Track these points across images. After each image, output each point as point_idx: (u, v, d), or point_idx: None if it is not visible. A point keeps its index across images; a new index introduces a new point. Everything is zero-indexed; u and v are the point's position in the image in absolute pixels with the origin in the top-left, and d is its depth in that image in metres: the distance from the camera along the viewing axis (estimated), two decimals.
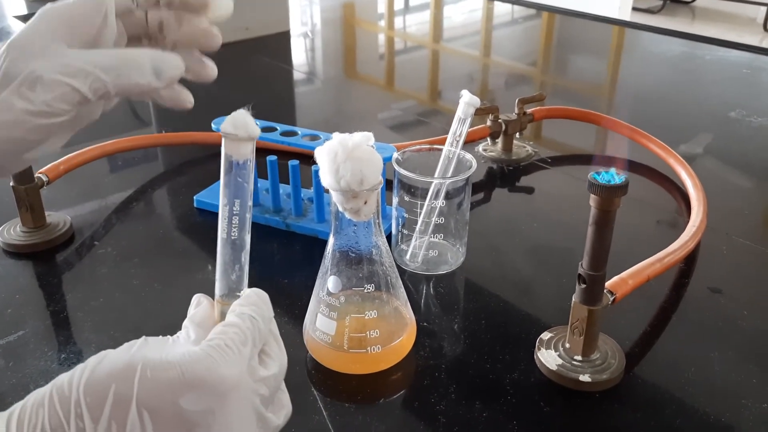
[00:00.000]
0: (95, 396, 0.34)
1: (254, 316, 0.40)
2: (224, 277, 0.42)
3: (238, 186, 0.40)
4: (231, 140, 0.40)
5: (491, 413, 0.57)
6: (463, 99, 0.72)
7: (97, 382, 0.34)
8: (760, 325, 0.67)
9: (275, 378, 0.40)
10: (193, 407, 0.35)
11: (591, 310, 0.58)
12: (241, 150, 0.40)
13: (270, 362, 0.40)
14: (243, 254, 0.42)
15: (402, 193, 0.73)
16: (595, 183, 0.52)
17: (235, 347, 0.37)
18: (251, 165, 0.41)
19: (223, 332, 0.38)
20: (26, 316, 0.68)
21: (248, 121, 0.40)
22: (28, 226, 0.79)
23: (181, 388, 0.35)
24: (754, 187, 1.00)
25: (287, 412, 0.41)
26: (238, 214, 0.41)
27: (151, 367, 0.35)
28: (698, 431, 0.56)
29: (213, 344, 0.37)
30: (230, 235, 0.41)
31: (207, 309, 0.42)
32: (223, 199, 0.41)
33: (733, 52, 1.56)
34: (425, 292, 0.73)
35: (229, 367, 0.36)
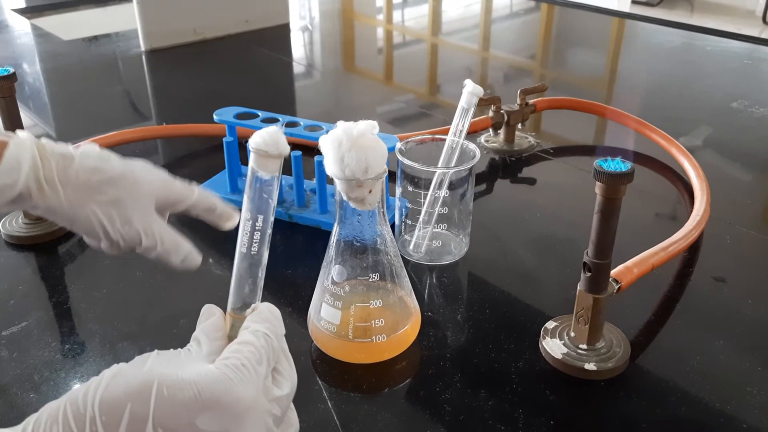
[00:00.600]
0: (111, 414, 0.34)
1: (268, 334, 0.40)
2: (238, 290, 0.42)
3: (262, 201, 0.40)
4: (260, 156, 0.40)
5: (496, 402, 0.57)
6: (467, 89, 0.72)
7: (112, 400, 0.34)
8: (765, 314, 0.67)
9: (287, 398, 0.40)
10: (210, 428, 0.35)
11: (596, 299, 0.58)
12: (269, 166, 0.40)
13: (282, 381, 0.40)
14: (260, 269, 0.42)
15: (405, 183, 0.73)
16: (601, 170, 0.52)
17: (251, 367, 0.37)
18: (277, 182, 0.41)
19: (238, 351, 0.38)
20: (29, 307, 0.68)
21: (279, 138, 0.40)
22: (30, 218, 0.79)
23: (198, 408, 0.35)
24: (756, 177, 1.00)
25: (296, 430, 0.42)
26: (260, 230, 0.41)
27: (168, 386, 0.35)
28: (703, 419, 0.56)
29: (229, 363, 0.37)
30: (250, 249, 0.41)
31: (218, 321, 0.42)
32: (246, 214, 0.41)
33: (734, 43, 1.56)
34: (429, 283, 0.73)
35: (246, 388, 0.36)
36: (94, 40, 1.65)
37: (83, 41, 1.64)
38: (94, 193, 0.50)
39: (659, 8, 4.52)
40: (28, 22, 1.79)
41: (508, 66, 1.60)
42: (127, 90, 1.40)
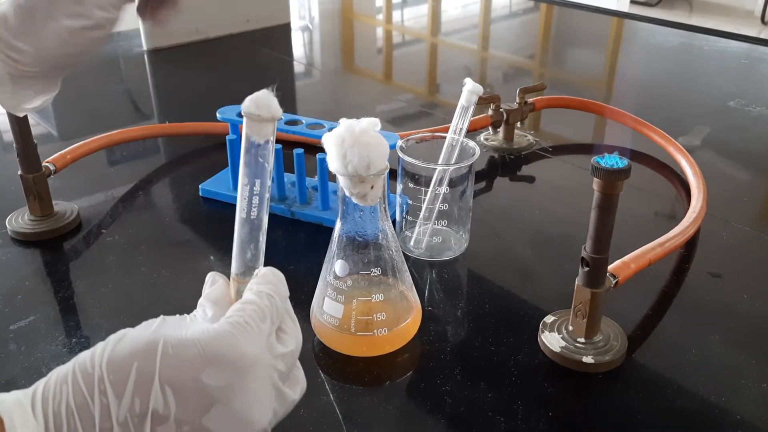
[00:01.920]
0: (118, 373, 0.34)
1: (272, 294, 0.40)
2: (240, 255, 0.42)
3: (258, 166, 0.40)
4: (253, 120, 0.40)
5: (496, 394, 0.58)
6: (467, 87, 0.73)
7: (119, 360, 0.35)
8: (759, 309, 0.69)
9: (292, 354, 0.40)
10: (215, 382, 0.35)
11: (594, 293, 0.59)
12: (262, 130, 0.40)
13: (287, 339, 0.41)
14: (261, 234, 0.42)
15: (406, 180, 0.74)
16: (599, 167, 0.53)
17: (254, 324, 0.38)
18: (272, 145, 0.41)
19: (241, 309, 0.38)
20: (36, 302, 0.69)
21: (271, 101, 0.39)
22: (36, 215, 0.80)
23: (202, 363, 0.35)
24: (753, 175, 1.01)
25: (302, 388, 0.42)
26: (258, 194, 0.41)
27: (173, 344, 0.35)
28: (698, 411, 0.57)
29: (232, 321, 0.37)
30: (249, 214, 0.41)
31: (223, 287, 0.42)
32: (243, 179, 0.41)
33: (732, 43, 1.57)
34: (429, 278, 0.74)
35: (249, 343, 0.37)
36: None
37: None
38: None
39: (658, 8, 4.53)
40: None
41: (508, 65, 1.61)
42: (129, 89, 1.41)
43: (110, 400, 0.34)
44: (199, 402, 0.35)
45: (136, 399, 0.34)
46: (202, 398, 0.35)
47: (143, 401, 0.34)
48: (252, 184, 0.41)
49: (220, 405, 0.35)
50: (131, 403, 0.34)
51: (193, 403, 0.35)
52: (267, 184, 0.41)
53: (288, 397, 0.40)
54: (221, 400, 0.35)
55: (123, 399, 0.34)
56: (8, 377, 0.60)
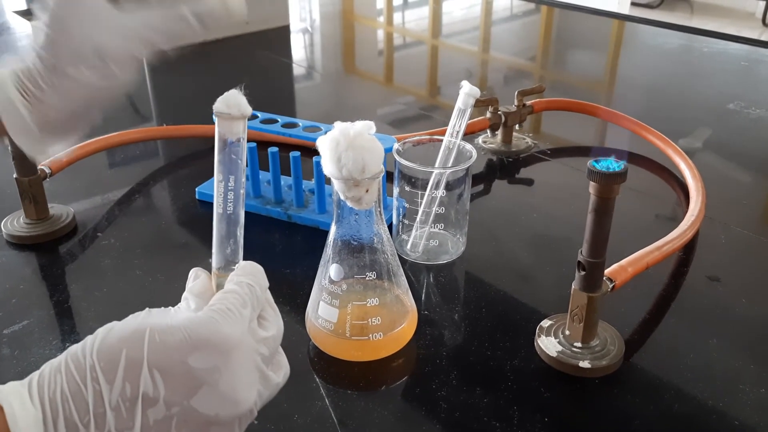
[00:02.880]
0: (108, 360, 0.36)
1: (251, 284, 0.42)
2: (220, 250, 0.44)
3: (232, 163, 0.42)
4: (224, 119, 0.41)
5: (492, 399, 0.57)
6: (463, 90, 0.73)
7: (109, 348, 0.36)
8: (758, 313, 0.68)
9: (274, 339, 0.42)
10: (201, 365, 0.37)
11: (590, 297, 0.58)
12: (233, 128, 0.42)
13: (268, 325, 0.43)
14: (238, 228, 0.44)
15: (402, 183, 0.74)
16: (594, 170, 0.53)
17: (236, 310, 0.40)
18: (244, 142, 0.42)
19: (223, 298, 0.41)
20: (30, 306, 0.69)
21: (240, 100, 0.41)
22: (32, 218, 0.80)
23: (188, 348, 0.37)
24: (752, 178, 1.01)
25: (286, 372, 0.44)
26: (233, 190, 0.43)
27: (159, 331, 0.37)
28: (696, 416, 0.56)
29: (215, 308, 0.39)
30: (226, 209, 0.43)
31: (205, 281, 0.44)
32: (218, 176, 0.43)
33: (732, 45, 1.56)
34: (426, 282, 0.74)
35: (232, 327, 0.39)
36: None
37: None
38: None
39: (659, 10, 4.53)
40: (29, 24, 1.80)
41: (508, 68, 1.61)
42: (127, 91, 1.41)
43: (102, 386, 0.36)
44: (186, 384, 0.37)
45: (127, 384, 0.36)
46: (189, 380, 0.37)
47: (133, 386, 0.36)
48: (227, 181, 0.43)
49: (207, 386, 0.37)
50: (122, 387, 0.36)
51: (181, 386, 0.37)
52: (241, 180, 0.43)
53: (272, 380, 0.42)
54: (208, 381, 0.37)
55: (114, 384, 0.36)
56: (1, 382, 0.59)
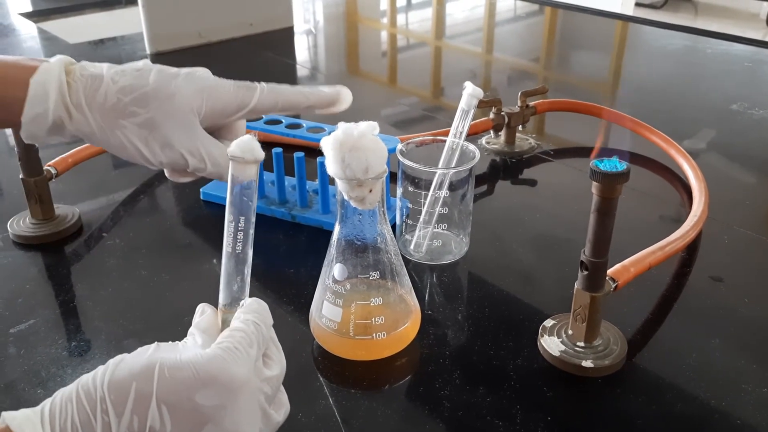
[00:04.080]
0: (118, 393, 0.37)
1: (258, 323, 0.43)
2: (227, 287, 0.45)
3: (243, 204, 0.44)
4: (238, 163, 0.43)
5: (495, 398, 0.58)
6: (466, 91, 0.73)
7: (119, 381, 0.38)
8: (760, 313, 0.68)
9: (277, 378, 0.44)
10: (208, 402, 0.38)
11: (593, 297, 0.59)
12: (246, 172, 0.43)
13: (272, 364, 0.44)
14: (246, 267, 0.45)
15: (406, 184, 0.74)
16: (597, 170, 0.53)
17: (243, 349, 0.41)
18: (255, 185, 0.44)
19: (231, 336, 0.41)
20: (36, 305, 0.69)
21: (254, 145, 0.43)
22: (38, 218, 0.81)
23: (196, 385, 0.38)
24: (755, 178, 1.01)
25: (286, 410, 0.45)
26: (243, 230, 0.44)
27: (168, 367, 0.38)
28: (699, 416, 0.57)
29: (223, 346, 0.40)
30: (235, 249, 0.44)
31: (211, 317, 0.45)
32: (229, 216, 0.44)
33: (735, 46, 1.56)
34: (429, 282, 0.74)
35: (239, 366, 0.40)
36: (99, 43, 1.66)
37: (89, 44, 1.65)
38: (122, 115, 0.46)
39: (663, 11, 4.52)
40: (34, 26, 1.81)
41: (512, 69, 1.61)
42: None
43: (111, 418, 0.37)
44: (192, 420, 0.38)
45: (135, 417, 0.37)
46: (195, 417, 0.38)
47: (141, 419, 0.37)
48: (237, 221, 0.44)
49: (212, 424, 0.38)
50: (130, 420, 0.37)
51: (187, 422, 0.38)
52: (251, 221, 0.44)
53: (273, 419, 0.43)
54: (213, 419, 0.38)
55: (123, 417, 0.37)
56: (8, 380, 0.60)
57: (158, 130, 0.46)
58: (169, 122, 0.46)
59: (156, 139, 0.46)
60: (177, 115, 0.46)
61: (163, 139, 0.46)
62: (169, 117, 0.46)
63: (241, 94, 0.49)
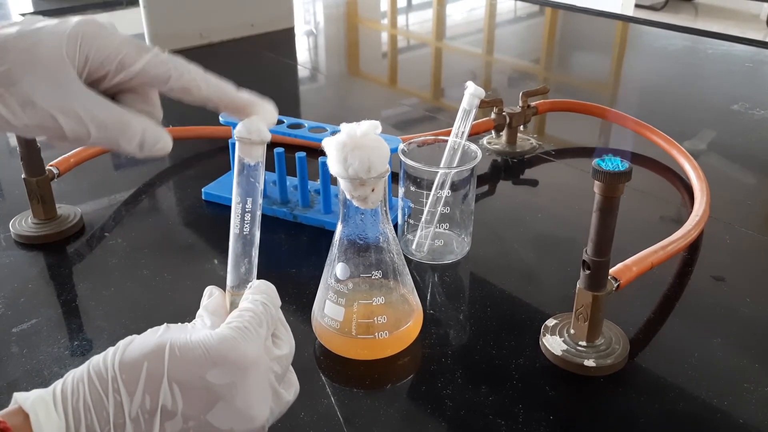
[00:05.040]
0: (130, 373, 0.37)
1: (266, 303, 0.43)
2: (235, 269, 0.45)
3: (250, 185, 0.44)
4: (244, 143, 0.43)
5: (497, 397, 0.58)
6: (468, 90, 0.73)
7: (131, 361, 0.38)
8: (762, 312, 0.68)
9: (287, 358, 0.44)
10: (219, 381, 0.38)
11: (595, 296, 0.59)
12: (253, 152, 0.43)
13: (281, 344, 0.44)
14: (253, 249, 0.45)
15: (408, 183, 0.74)
16: (600, 169, 0.53)
17: (253, 328, 0.41)
18: (262, 166, 0.44)
19: (240, 316, 0.41)
20: (38, 305, 0.70)
21: (261, 126, 0.43)
22: (39, 218, 0.81)
23: (207, 364, 0.38)
24: (756, 178, 1.01)
25: (296, 390, 0.45)
26: (250, 211, 0.44)
27: (179, 347, 0.38)
28: (701, 415, 0.57)
29: (233, 326, 0.40)
30: (242, 230, 0.45)
31: (219, 299, 0.46)
32: (236, 197, 0.44)
33: (736, 47, 1.56)
34: (431, 281, 0.74)
35: (249, 345, 0.40)
36: None
37: None
38: None
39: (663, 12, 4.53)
40: None
41: (512, 69, 1.61)
42: None
43: (123, 398, 0.37)
44: (204, 399, 0.38)
45: (147, 396, 0.37)
46: (207, 395, 0.38)
47: (153, 398, 0.37)
48: (244, 202, 0.44)
49: (223, 402, 0.38)
50: (142, 399, 0.37)
51: (199, 400, 0.38)
52: (258, 202, 0.44)
53: (283, 398, 0.43)
54: (224, 397, 0.38)
55: (135, 396, 0.37)
56: (10, 379, 0.60)
57: (16, 85, 0.37)
58: (30, 75, 0.37)
59: (14, 96, 0.37)
60: (39, 67, 0.37)
61: (24, 96, 0.37)
62: (29, 68, 0.37)
63: (126, 50, 0.39)
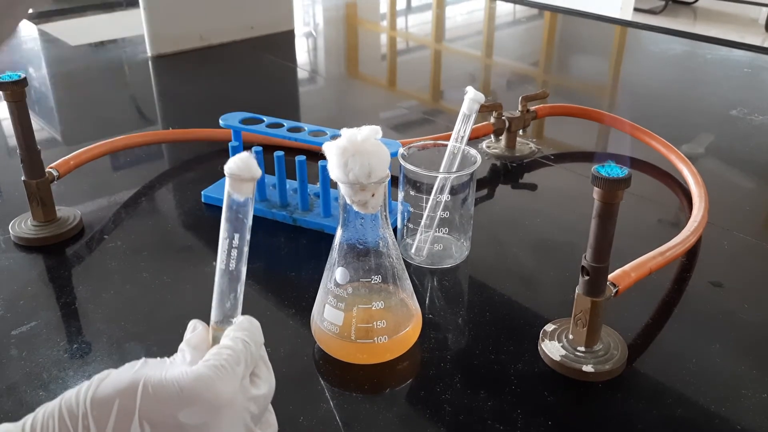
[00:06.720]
0: (101, 409, 0.37)
1: (247, 341, 0.42)
2: (220, 304, 0.45)
3: (238, 221, 0.43)
4: (234, 180, 0.42)
5: (496, 402, 0.58)
6: (468, 95, 0.73)
7: (103, 397, 0.37)
8: (760, 318, 0.68)
9: (265, 398, 0.42)
10: (191, 421, 0.37)
11: (594, 302, 0.59)
12: (243, 189, 0.43)
13: (260, 383, 0.43)
14: (239, 285, 0.44)
15: (407, 188, 0.74)
16: (599, 176, 0.53)
17: (230, 367, 0.40)
18: (251, 203, 0.43)
19: (218, 354, 0.41)
20: (38, 307, 0.70)
21: (251, 163, 0.42)
22: (39, 220, 0.81)
23: (180, 403, 0.37)
24: (754, 184, 1.01)
25: (274, 431, 0.44)
26: (237, 247, 0.44)
27: (153, 384, 0.38)
28: (699, 421, 0.57)
29: (209, 364, 0.40)
30: (228, 266, 0.44)
31: (202, 333, 0.44)
32: (224, 233, 0.43)
33: (735, 52, 1.57)
34: (430, 286, 0.74)
35: (224, 384, 0.39)
36: (101, 45, 1.67)
37: (90, 46, 1.66)
38: None
39: (662, 17, 4.53)
40: (35, 28, 1.81)
41: (511, 73, 1.61)
42: (133, 95, 1.42)
43: None
44: None
45: None
46: None
47: None
48: (231, 238, 0.43)
49: None
50: None
51: None
52: (246, 239, 0.44)
53: None
54: None
55: None
56: (9, 383, 0.60)
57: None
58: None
59: None
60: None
61: None
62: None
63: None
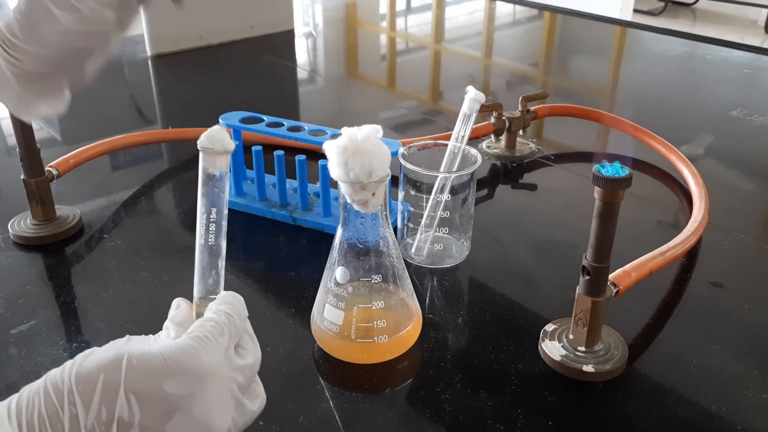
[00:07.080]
0: (86, 384, 0.37)
1: (230, 313, 0.43)
2: (202, 281, 0.45)
3: (215, 196, 0.43)
4: (208, 154, 0.43)
5: (496, 402, 0.58)
6: (469, 95, 0.73)
7: (87, 373, 0.37)
8: (760, 319, 0.68)
9: (251, 368, 0.43)
10: (176, 391, 0.38)
11: (594, 302, 0.59)
12: (217, 163, 0.43)
13: (246, 354, 0.43)
14: (219, 260, 0.45)
15: (408, 187, 0.74)
16: (600, 176, 0.53)
17: (213, 338, 0.40)
18: (227, 176, 0.44)
19: (201, 326, 0.41)
20: (37, 306, 0.69)
21: (224, 136, 0.43)
22: (39, 219, 0.80)
23: (165, 374, 0.38)
24: (754, 185, 1.01)
25: (262, 401, 0.44)
26: (215, 222, 0.44)
27: (137, 357, 0.38)
28: (699, 421, 0.57)
29: (193, 336, 0.40)
30: (207, 241, 0.44)
31: (186, 310, 0.45)
32: (201, 208, 0.44)
33: (735, 53, 1.57)
34: (430, 286, 0.74)
35: (208, 354, 0.39)
36: None
37: None
38: None
39: (662, 17, 4.53)
40: None
41: (511, 73, 1.61)
42: (132, 94, 1.42)
43: (78, 410, 0.36)
44: (161, 409, 0.38)
45: (103, 408, 0.37)
46: (164, 406, 0.38)
47: (109, 410, 0.37)
48: (209, 213, 0.44)
49: (182, 412, 0.38)
50: (98, 411, 0.37)
51: (156, 411, 0.37)
52: (224, 213, 0.44)
53: (247, 408, 0.42)
54: (182, 407, 0.38)
55: (90, 408, 0.36)
56: (8, 381, 0.60)
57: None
58: None
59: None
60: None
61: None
62: None
63: None
